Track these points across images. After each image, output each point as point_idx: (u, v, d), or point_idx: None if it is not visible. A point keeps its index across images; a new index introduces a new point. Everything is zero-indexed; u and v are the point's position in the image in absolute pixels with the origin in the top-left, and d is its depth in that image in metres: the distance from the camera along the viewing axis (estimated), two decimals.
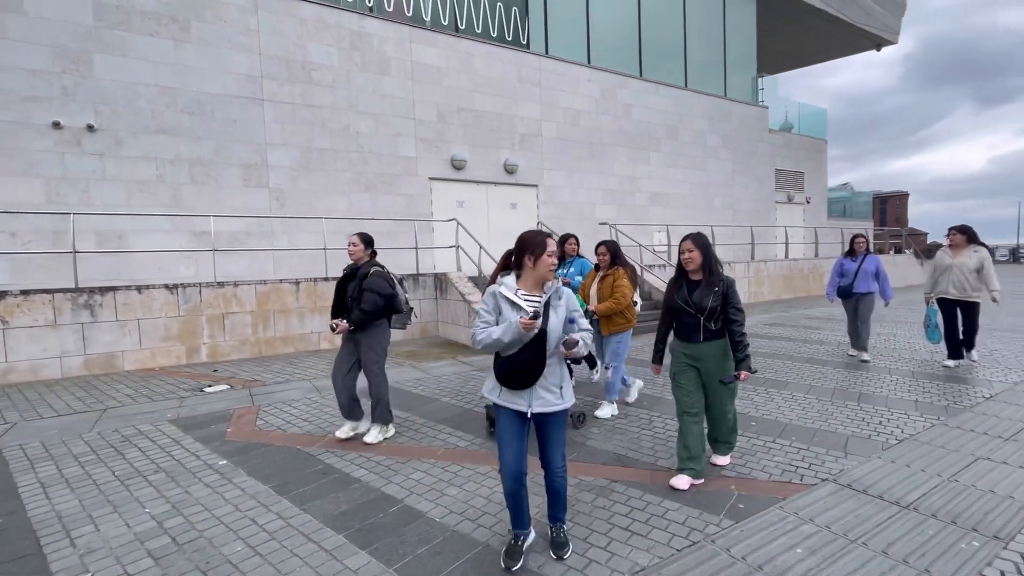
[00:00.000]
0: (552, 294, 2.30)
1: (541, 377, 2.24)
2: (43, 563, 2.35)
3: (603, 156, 12.69)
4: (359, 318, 3.63)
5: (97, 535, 2.58)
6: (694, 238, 3.06)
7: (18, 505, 2.90)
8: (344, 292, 3.78)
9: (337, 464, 3.40)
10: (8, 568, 2.32)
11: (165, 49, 8.00)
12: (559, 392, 2.29)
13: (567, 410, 2.35)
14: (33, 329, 5.92)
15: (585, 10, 12.58)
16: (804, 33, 18.30)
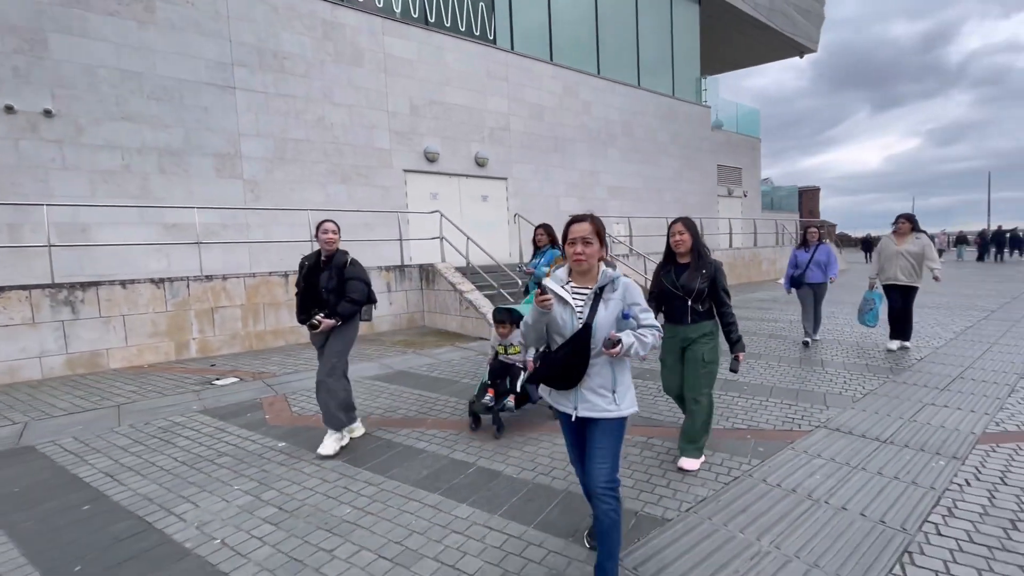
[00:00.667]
0: (606, 285, 2.00)
1: (587, 377, 1.98)
2: (162, 536, 2.49)
3: (566, 151, 13.25)
4: (349, 309, 3.38)
5: (199, 511, 2.72)
6: (684, 221, 3.08)
7: (94, 493, 2.95)
8: (314, 284, 3.42)
9: (395, 439, 3.66)
10: (130, 543, 2.44)
11: (127, 30, 7.59)
12: (611, 397, 1.98)
13: (621, 419, 2.01)
14: (9, 328, 5.57)
15: (547, 8, 13.01)
16: (738, 39, 19.76)
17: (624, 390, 2.02)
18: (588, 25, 14.02)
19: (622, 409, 1.99)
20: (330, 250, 3.46)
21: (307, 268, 3.48)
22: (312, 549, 2.35)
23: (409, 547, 2.35)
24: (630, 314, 2.00)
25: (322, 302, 3.39)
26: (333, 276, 3.40)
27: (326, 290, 3.38)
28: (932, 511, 2.52)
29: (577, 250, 1.99)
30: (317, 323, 3.33)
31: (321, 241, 3.43)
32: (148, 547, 2.40)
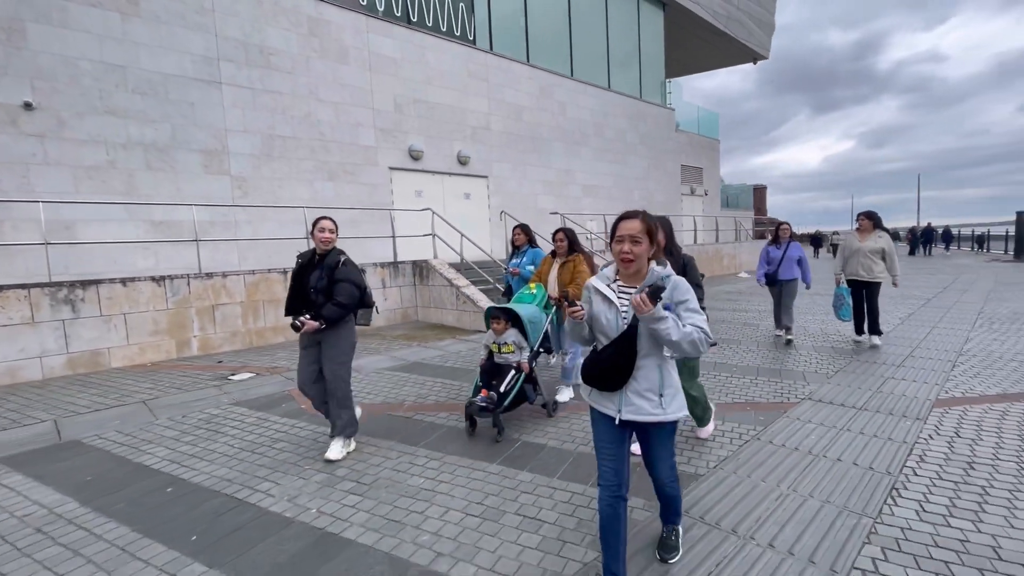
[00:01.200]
0: (654, 283, 1.89)
1: (632, 380, 1.94)
2: (258, 510, 2.73)
3: (543, 150, 13.69)
4: (335, 313, 3.18)
5: (281, 487, 2.96)
6: (658, 220, 3.18)
7: (169, 478, 3.12)
8: (303, 284, 3.26)
9: (437, 422, 3.97)
10: (230, 516, 2.67)
11: (111, 22, 7.41)
12: (658, 400, 1.94)
13: (672, 423, 2.01)
14: (8, 328, 5.45)
15: (524, 11, 13.36)
16: (698, 44, 20.77)
17: (672, 393, 1.96)
18: (562, 28, 14.48)
19: (668, 414, 1.94)
20: (325, 249, 3.30)
21: (299, 265, 3.32)
22: (404, 512, 2.66)
23: (490, 506, 2.70)
24: (671, 308, 1.89)
25: (310, 302, 3.21)
26: (323, 276, 3.22)
27: (315, 290, 3.20)
28: (908, 458, 3.10)
29: (624, 249, 1.91)
30: (300, 324, 3.14)
31: (316, 239, 3.27)
32: (250, 519, 2.64)
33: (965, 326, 6.90)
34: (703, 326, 1.89)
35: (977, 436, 3.38)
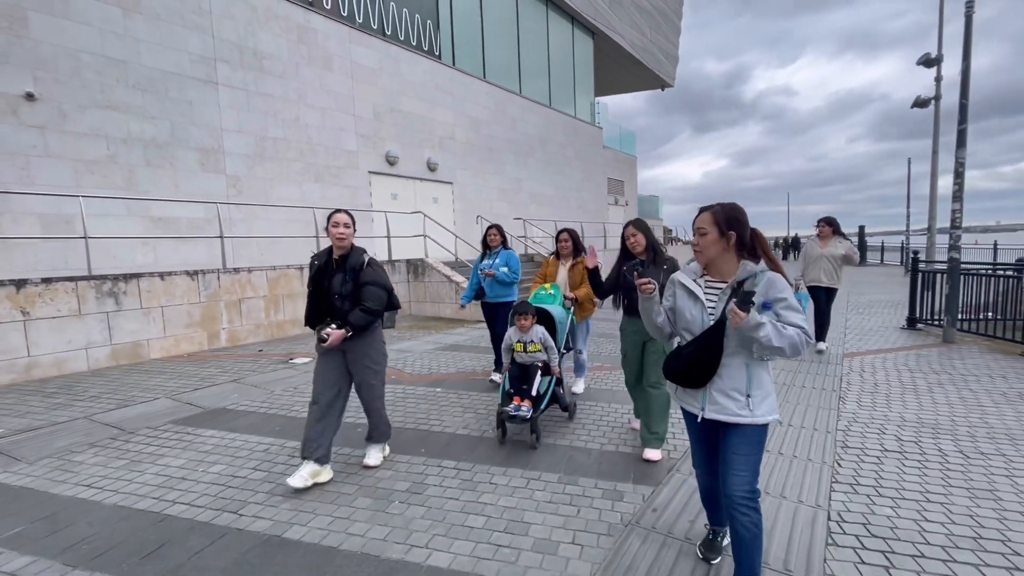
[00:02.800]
0: (747, 279, 1.84)
1: (717, 378, 1.86)
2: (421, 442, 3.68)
3: (498, 160, 14.92)
4: (364, 320, 2.86)
5: (459, 420, 3.92)
6: (635, 223, 3.23)
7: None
8: (323, 289, 2.93)
9: (473, 435, 4.71)
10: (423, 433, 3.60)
11: (112, 16, 7.40)
12: (744, 401, 1.83)
13: (758, 427, 1.84)
14: (56, 320, 5.53)
15: (480, 31, 14.51)
16: (619, 71, 23.31)
17: (762, 395, 1.83)
18: (512, 48, 15.84)
19: (756, 416, 1.81)
20: (343, 247, 2.92)
21: (316, 268, 2.95)
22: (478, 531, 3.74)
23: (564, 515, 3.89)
24: (770, 306, 1.80)
25: (333, 309, 2.88)
26: (348, 280, 2.89)
27: (339, 296, 2.87)
28: (841, 384, 4.82)
29: (693, 240, 1.94)
30: (325, 336, 2.80)
31: (332, 236, 2.88)
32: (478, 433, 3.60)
33: (843, 310, 9.33)
34: (803, 325, 1.77)
35: (873, 369, 5.26)
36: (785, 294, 1.81)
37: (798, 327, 1.76)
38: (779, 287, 1.81)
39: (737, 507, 1.80)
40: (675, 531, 2.43)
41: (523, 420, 3.32)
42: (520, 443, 3.49)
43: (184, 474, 3.07)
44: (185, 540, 2.38)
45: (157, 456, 3.34)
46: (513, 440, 3.54)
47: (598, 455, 3.29)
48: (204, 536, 2.42)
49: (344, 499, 2.77)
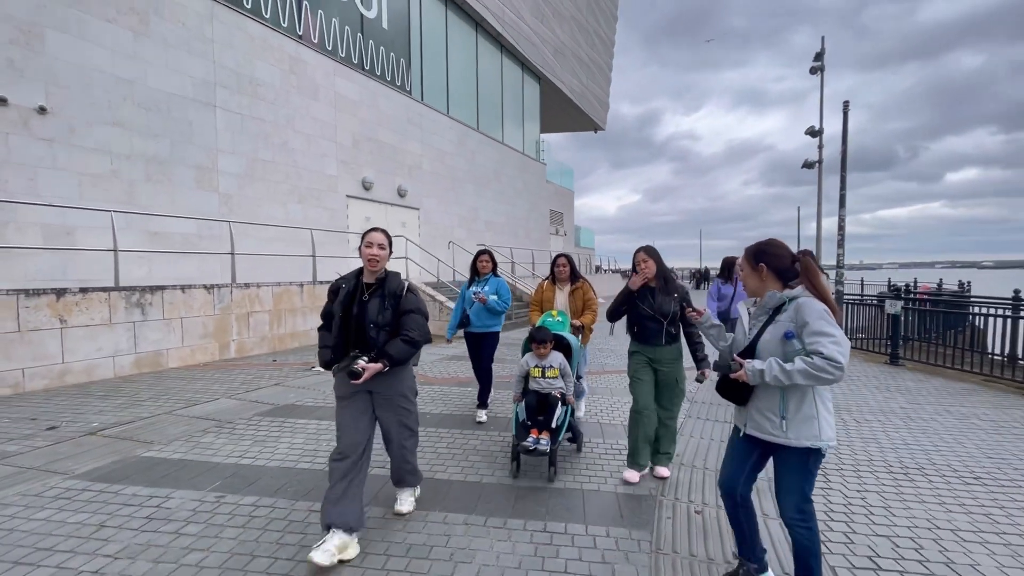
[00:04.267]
0: (782, 307, 1.97)
1: (754, 398, 1.98)
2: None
3: (459, 190, 16.01)
4: (406, 353, 2.52)
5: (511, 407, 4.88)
6: (647, 249, 3.21)
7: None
8: (358, 316, 2.53)
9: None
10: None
11: (123, 39, 7.71)
12: (779, 422, 1.91)
13: (799, 450, 1.90)
14: (89, 328, 5.76)
15: (446, 71, 15.71)
16: (560, 113, 25.51)
17: (800, 419, 1.89)
18: (471, 87, 17.17)
19: (790, 438, 1.89)
20: (376, 271, 2.59)
21: (346, 294, 2.56)
22: None
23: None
24: (794, 335, 1.88)
25: (366, 340, 2.50)
26: (387, 307, 2.54)
27: (375, 325, 2.50)
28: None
29: (738, 276, 2.93)
30: (360, 371, 2.38)
31: (364, 256, 2.55)
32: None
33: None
34: (822, 351, 1.78)
35: None
36: (808, 319, 1.84)
37: (819, 354, 1.77)
38: (806, 312, 1.85)
39: (790, 525, 1.95)
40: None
41: (542, 454, 3.14)
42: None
43: (314, 446, 3.80)
44: None
45: (275, 437, 4.01)
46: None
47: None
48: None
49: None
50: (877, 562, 2.41)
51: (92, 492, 2.99)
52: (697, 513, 2.85)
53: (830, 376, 1.75)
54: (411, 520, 2.74)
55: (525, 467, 3.42)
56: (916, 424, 4.59)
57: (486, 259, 4.74)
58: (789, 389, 1.90)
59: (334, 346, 2.53)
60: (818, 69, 14.74)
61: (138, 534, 2.54)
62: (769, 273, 2.01)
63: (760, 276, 2.04)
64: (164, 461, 3.48)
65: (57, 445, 3.72)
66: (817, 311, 1.84)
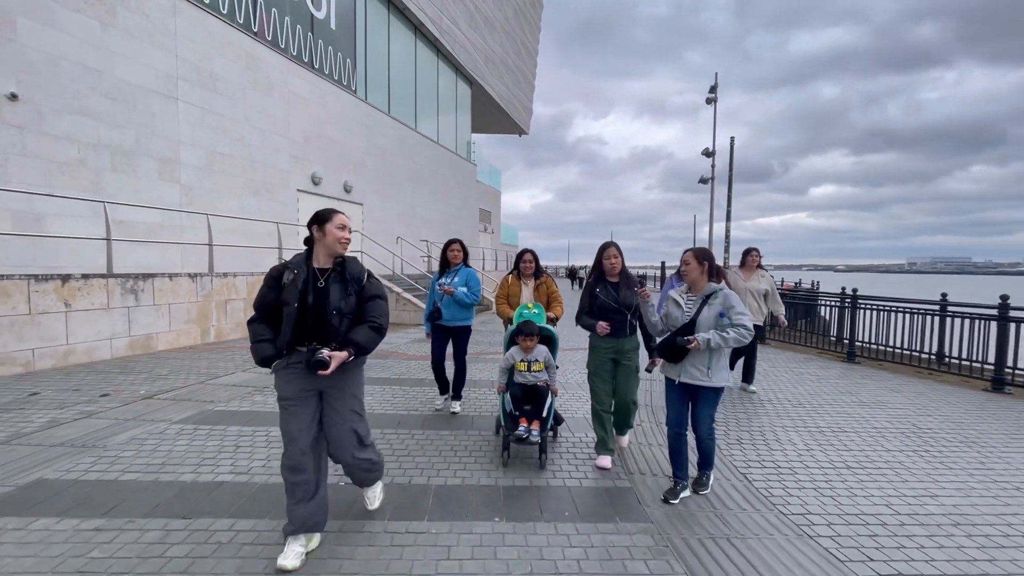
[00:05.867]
0: (711, 295, 2.89)
1: (689, 356, 2.84)
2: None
3: (399, 187, 16.77)
4: (373, 340, 2.34)
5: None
6: (617, 246, 3.46)
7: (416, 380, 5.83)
8: (318, 303, 2.28)
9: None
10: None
11: (91, 29, 7.84)
12: (706, 372, 2.83)
13: (715, 388, 2.86)
14: (90, 312, 6.13)
15: (388, 72, 16.38)
16: (488, 116, 26.84)
17: (717, 370, 2.84)
18: (410, 89, 17.94)
19: (713, 381, 2.82)
20: (340, 254, 2.40)
21: (302, 280, 2.29)
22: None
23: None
24: (725, 314, 2.81)
25: (326, 330, 2.27)
26: (350, 293, 2.34)
27: (338, 313, 2.29)
28: None
29: (682, 269, 3.02)
30: (327, 359, 2.17)
31: (335, 240, 2.35)
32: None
33: None
34: (744, 322, 2.77)
35: None
36: (734, 303, 2.81)
37: (741, 325, 2.76)
38: (731, 299, 2.84)
39: (702, 439, 2.99)
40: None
41: (534, 443, 3.28)
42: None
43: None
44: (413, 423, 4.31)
45: None
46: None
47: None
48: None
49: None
50: (750, 457, 4.04)
51: (204, 429, 3.85)
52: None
53: (746, 339, 2.78)
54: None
55: (514, 453, 3.52)
56: (771, 379, 6.54)
57: (456, 248, 4.61)
58: (714, 350, 2.80)
59: (291, 337, 2.24)
60: (713, 100, 17.46)
61: (269, 449, 3.51)
62: (706, 271, 2.95)
63: (702, 271, 2.95)
64: (237, 412, 4.34)
65: (128, 406, 4.40)
66: (736, 299, 2.88)
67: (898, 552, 2.46)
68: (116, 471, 3.08)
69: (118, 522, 2.49)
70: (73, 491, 2.80)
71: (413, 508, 2.77)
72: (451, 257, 4.60)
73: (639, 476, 3.30)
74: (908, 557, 2.42)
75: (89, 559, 2.17)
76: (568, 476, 3.27)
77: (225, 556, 2.21)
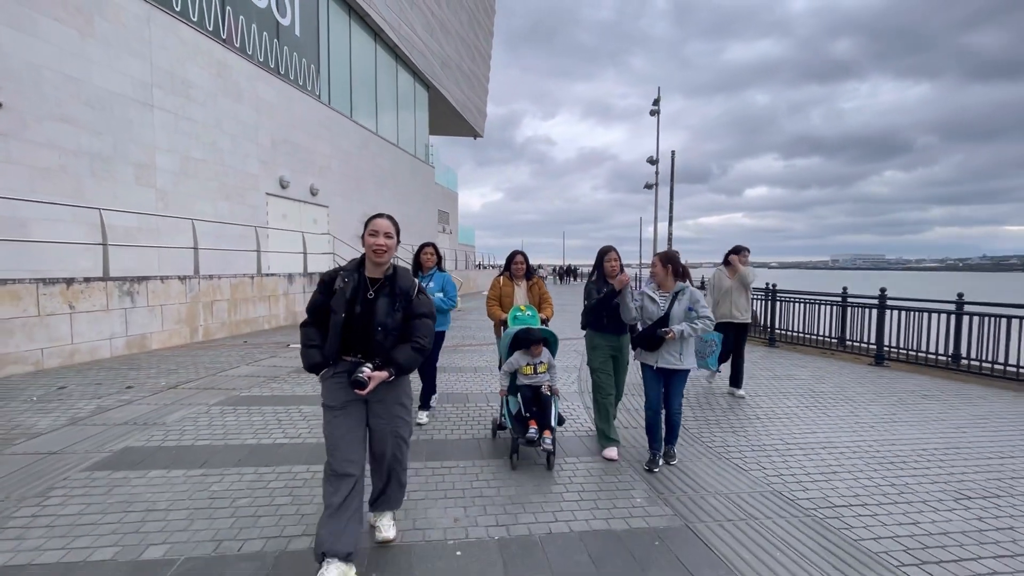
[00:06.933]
0: (680, 292, 3.45)
1: (664, 344, 3.38)
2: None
3: (362, 189, 17.21)
4: (415, 361, 2.28)
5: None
6: (616, 250, 3.86)
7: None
8: (365, 316, 2.21)
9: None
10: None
11: (70, 38, 8.06)
12: (679, 357, 3.41)
13: (685, 371, 3.46)
14: (92, 313, 6.48)
15: (349, 78, 16.77)
16: (444, 119, 27.46)
17: (687, 355, 3.45)
18: (371, 94, 18.38)
19: (685, 364, 3.44)
20: (382, 263, 2.29)
21: (351, 289, 2.23)
22: None
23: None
24: (693, 308, 3.41)
25: (370, 344, 2.21)
26: (398, 308, 2.24)
27: (383, 328, 2.20)
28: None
29: (652, 271, 3.63)
30: (365, 380, 2.13)
31: (368, 247, 2.27)
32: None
33: None
34: (707, 314, 3.41)
35: None
36: (699, 299, 3.44)
37: (705, 317, 3.40)
38: (696, 296, 3.45)
39: (673, 414, 3.56)
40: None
41: (547, 450, 3.33)
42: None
43: None
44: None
45: (316, 385, 5.65)
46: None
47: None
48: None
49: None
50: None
51: (241, 409, 4.51)
52: None
53: (711, 328, 3.45)
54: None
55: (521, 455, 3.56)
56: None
57: (430, 251, 4.47)
58: (685, 339, 3.41)
59: (331, 351, 2.20)
60: (656, 112, 18.99)
61: (307, 422, 4.24)
62: (672, 272, 3.54)
63: (667, 273, 3.56)
64: (261, 397, 4.99)
65: (157, 395, 4.96)
66: (700, 295, 3.51)
67: (783, 465, 3.58)
68: (188, 439, 3.74)
69: (216, 470, 3.20)
70: (161, 454, 3.46)
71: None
72: (424, 261, 4.45)
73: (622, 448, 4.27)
74: (788, 467, 3.55)
75: (212, 491, 2.90)
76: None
77: (315, 486, 2.99)
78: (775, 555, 2.42)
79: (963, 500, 3.06)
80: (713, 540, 2.54)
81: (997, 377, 6.49)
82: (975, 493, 3.16)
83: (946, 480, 3.36)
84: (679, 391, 3.52)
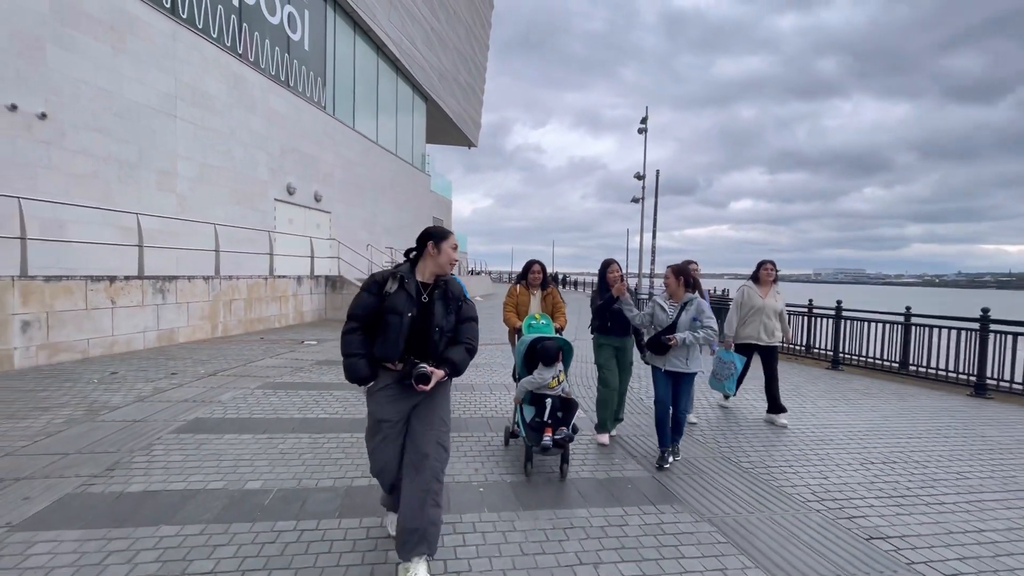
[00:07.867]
0: (688, 303, 3.75)
1: (672, 350, 3.67)
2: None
3: (363, 196, 17.92)
4: (466, 362, 2.37)
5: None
6: (618, 263, 4.27)
7: None
8: (423, 320, 2.29)
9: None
10: None
11: (105, 54, 8.72)
12: (685, 362, 3.71)
13: (692, 374, 3.76)
14: (129, 308, 7.13)
15: (352, 89, 17.53)
16: (441, 130, 28.30)
17: (693, 360, 3.73)
18: (372, 105, 19.14)
19: (691, 368, 3.73)
20: (447, 272, 2.42)
21: (411, 292, 2.29)
22: None
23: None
24: (698, 319, 3.66)
25: (427, 346, 2.29)
26: (451, 312, 2.37)
27: (440, 330, 2.31)
28: None
29: (665, 282, 3.90)
30: (429, 375, 2.20)
31: (446, 259, 2.38)
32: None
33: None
34: (711, 324, 3.67)
35: None
36: (704, 309, 3.73)
37: (708, 327, 3.65)
38: (702, 307, 3.75)
39: (680, 413, 3.84)
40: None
41: (545, 449, 3.34)
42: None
43: None
44: None
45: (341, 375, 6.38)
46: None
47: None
48: None
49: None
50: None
51: (281, 392, 5.22)
52: None
53: (714, 337, 3.70)
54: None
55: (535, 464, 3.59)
56: None
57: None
58: (689, 346, 3.68)
59: (389, 350, 2.23)
60: (643, 130, 20.01)
61: (341, 404, 4.96)
62: (683, 284, 3.84)
63: (679, 284, 3.85)
64: (295, 383, 5.70)
65: (202, 380, 5.64)
66: (707, 306, 3.81)
67: (744, 441, 4.41)
68: (245, 414, 4.45)
69: (278, 435, 3.93)
70: (227, 423, 4.17)
71: None
72: None
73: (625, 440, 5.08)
74: (751, 443, 4.37)
75: (280, 449, 3.63)
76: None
77: (363, 447, 3.72)
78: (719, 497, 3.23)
79: (867, 464, 3.91)
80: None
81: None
82: (877, 460, 4.02)
83: (858, 451, 4.22)
84: (686, 392, 3.87)
